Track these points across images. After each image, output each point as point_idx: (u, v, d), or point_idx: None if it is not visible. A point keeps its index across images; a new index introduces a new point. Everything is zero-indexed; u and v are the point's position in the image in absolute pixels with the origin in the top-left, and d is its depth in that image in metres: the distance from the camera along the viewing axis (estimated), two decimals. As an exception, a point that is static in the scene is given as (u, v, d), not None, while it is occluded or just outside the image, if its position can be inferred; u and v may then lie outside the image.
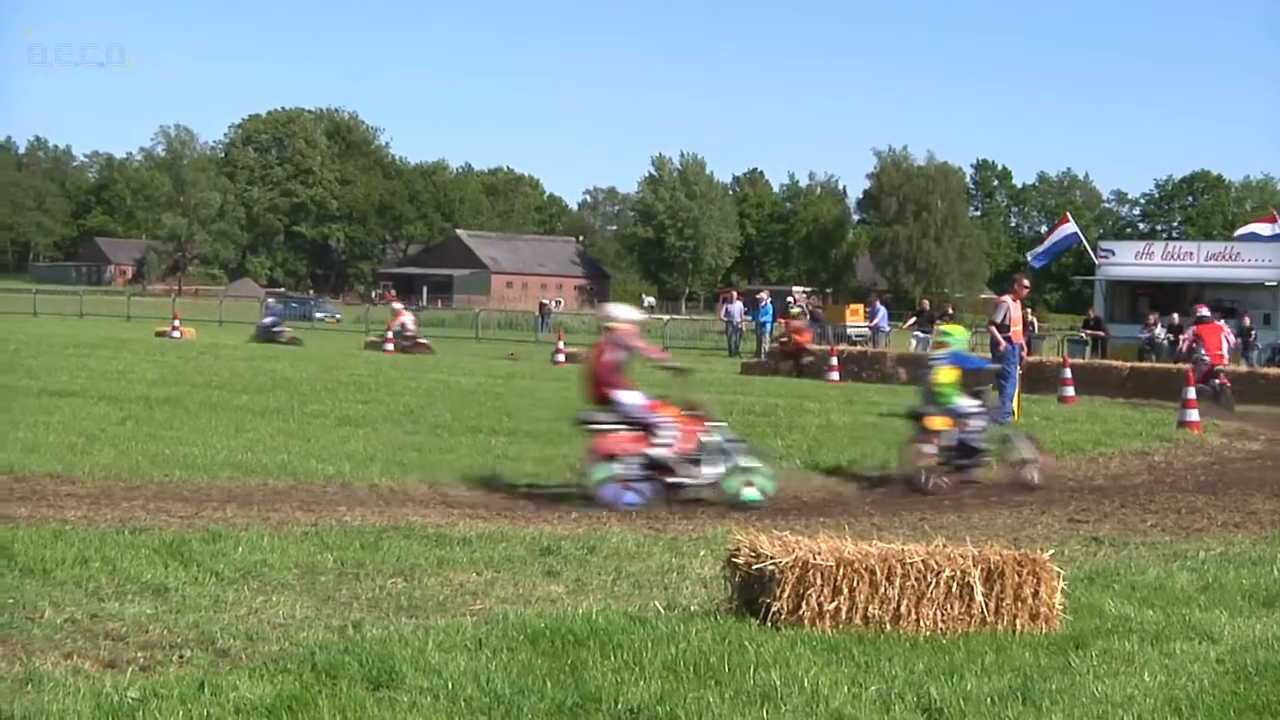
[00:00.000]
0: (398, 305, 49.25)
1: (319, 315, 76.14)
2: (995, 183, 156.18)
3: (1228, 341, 28.75)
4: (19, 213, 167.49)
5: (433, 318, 70.37)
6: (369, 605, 8.28)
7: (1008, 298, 22.17)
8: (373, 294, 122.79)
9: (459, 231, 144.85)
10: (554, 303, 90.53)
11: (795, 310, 37.96)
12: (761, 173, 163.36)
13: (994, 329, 21.86)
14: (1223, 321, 30.17)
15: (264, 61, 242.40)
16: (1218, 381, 26.55)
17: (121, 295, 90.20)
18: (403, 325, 42.12)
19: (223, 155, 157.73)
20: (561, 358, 35.69)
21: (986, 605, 7.85)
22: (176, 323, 45.59)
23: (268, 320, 45.02)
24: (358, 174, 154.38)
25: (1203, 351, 27.57)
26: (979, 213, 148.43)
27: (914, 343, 39.65)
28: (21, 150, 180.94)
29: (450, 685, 6.44)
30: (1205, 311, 29.96)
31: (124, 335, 43.48)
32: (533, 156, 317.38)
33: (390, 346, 39.93)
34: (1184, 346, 30.71)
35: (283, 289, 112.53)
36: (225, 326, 57.65)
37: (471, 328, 61.07)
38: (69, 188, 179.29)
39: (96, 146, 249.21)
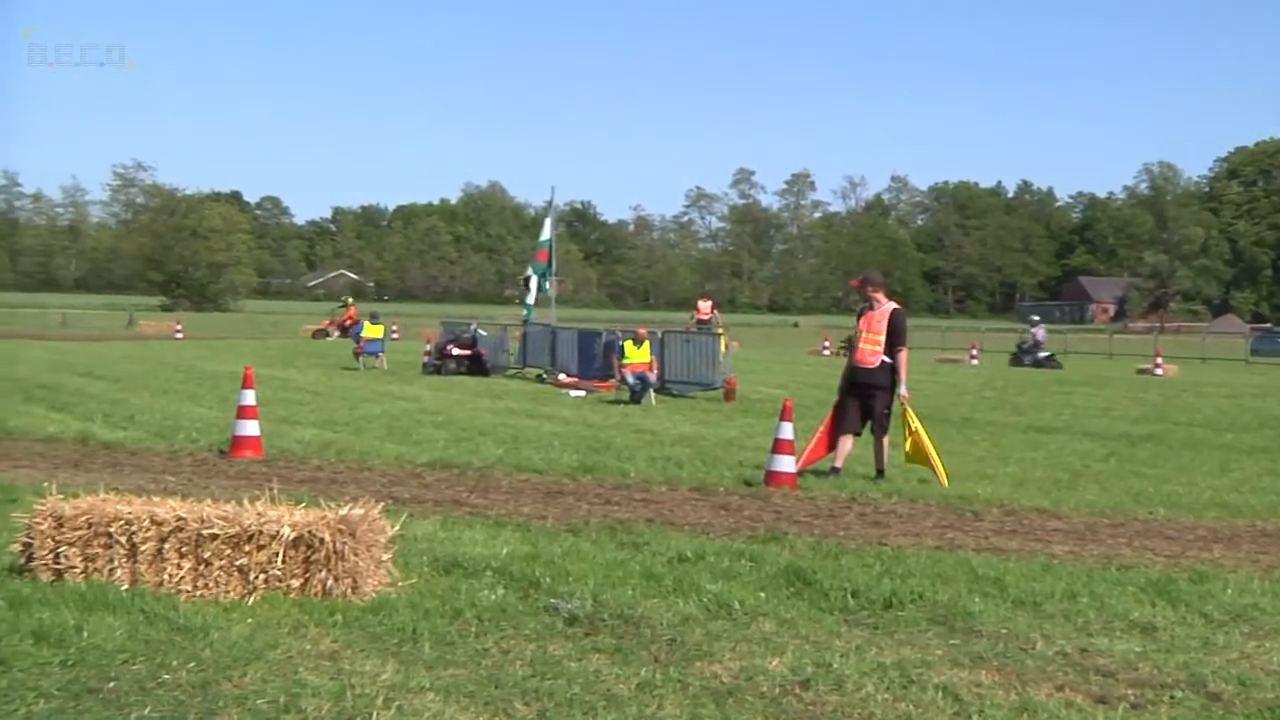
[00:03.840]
0: None
1: (1309, 351, 72.11)
2: None
3: None
4: (1006, 254, 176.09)
5: None
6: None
7: None
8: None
9: None
10: None
11: None
12: None
13: None
14: None
15: (1250, 94, 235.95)
16: None
17: (1103, 333, 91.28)
18: None
19: (1207, 190, 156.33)
20: None
21: None
22: (1159, 360, 45.35)
23: None
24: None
25: None
26: None
27: None
28: (1010, 194, 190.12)
29: None
30: None
31: (1105, 373, 43.97)
32: None
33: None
34: None
35: (1268, 324, 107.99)
36: (1208, 363, 56.47)
37: None
38: (1053, 228, 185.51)
39: (1080, 187, 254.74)
